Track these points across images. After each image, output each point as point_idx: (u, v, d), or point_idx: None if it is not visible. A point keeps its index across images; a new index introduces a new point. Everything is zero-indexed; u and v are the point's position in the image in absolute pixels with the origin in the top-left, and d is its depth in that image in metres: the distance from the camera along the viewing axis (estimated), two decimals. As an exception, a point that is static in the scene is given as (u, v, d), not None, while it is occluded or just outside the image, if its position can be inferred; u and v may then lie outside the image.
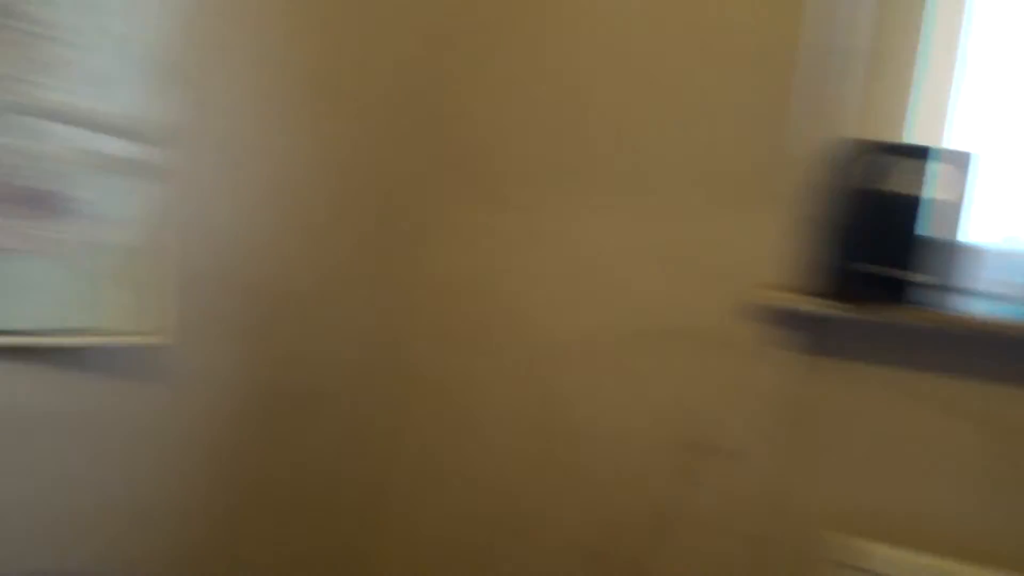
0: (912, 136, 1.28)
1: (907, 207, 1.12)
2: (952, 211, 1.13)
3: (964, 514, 1.16)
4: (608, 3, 1.39)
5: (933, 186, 1.13)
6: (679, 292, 1.35)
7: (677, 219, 1.35)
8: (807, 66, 1.26)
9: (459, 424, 1.55)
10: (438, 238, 1.58)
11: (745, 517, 1.28)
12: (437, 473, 1.57)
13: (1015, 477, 1.14)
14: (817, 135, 1.29)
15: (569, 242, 1.45)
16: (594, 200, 1.43)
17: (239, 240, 1.29)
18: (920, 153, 1.13)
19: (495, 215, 1.52)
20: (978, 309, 1.17)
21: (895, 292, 1.13)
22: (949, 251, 1.19)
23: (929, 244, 1.13)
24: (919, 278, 1.13)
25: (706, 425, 1.32)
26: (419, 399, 1.59)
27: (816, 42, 1.27)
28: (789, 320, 1.27)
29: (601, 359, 1.41)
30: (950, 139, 1.27)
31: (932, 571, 1.12)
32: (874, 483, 1.22)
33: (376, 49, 1.46)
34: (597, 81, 1.41)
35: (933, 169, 1.13)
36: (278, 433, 1.40)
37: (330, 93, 1.39)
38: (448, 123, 1.56)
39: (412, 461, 1.60)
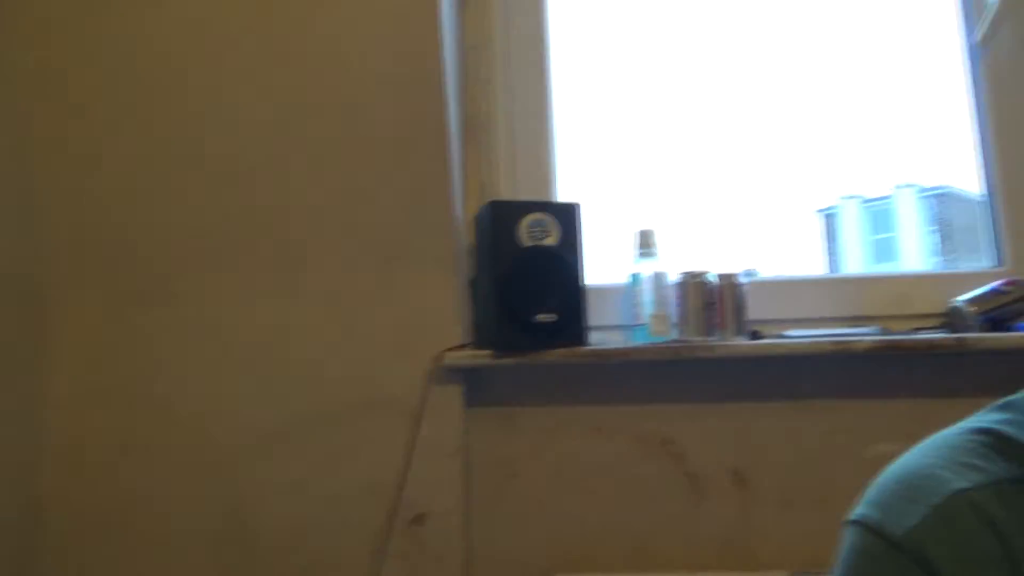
0: (551, 194, 1.43)
1: (562, 258, 1.24)
2: (585, 257, 1.27)
3: (645, 526, 1.29)
4: (258, 87, 1.33)
5: (581, 237, 1.26)
6: (360, 366, 1.32)
7: (349, 294, 1.33)
8: (457, 139, 1.34)
9: (113, 558, 1.32)
10: (67, 346, 1.36)
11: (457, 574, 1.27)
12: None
13: (679, 485, 1.28)
14: (476, 201, 1.38)
15: (233, 330, 1.34)
16: (257, 283, 1.34)
17: None
18: (568, 209, 1.27)
19: (140, 312, 1.35)
20: (629, 341, 1.32)
21: (565, 336, 1.24)
22: (595, 293, 1.33)
23: (584, 289, 1.26)
24: (581, 320, 1.25)
25: (405, 494, 1.29)
26: (55, 538, 1.33)
27: (463, 116, 1.36)
28: (475, 377, 1.32)
29: (284, 448, 1.32)
30: (584, 193, 1.44)
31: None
32: (577, 516, 1.30)
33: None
34: (247, 164, 1.33)
35: (580, 222, 1.27)
36: None
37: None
38: (65, 216, 1.36)
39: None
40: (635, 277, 1.32)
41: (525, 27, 1.47)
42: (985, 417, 0.61)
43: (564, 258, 1.24)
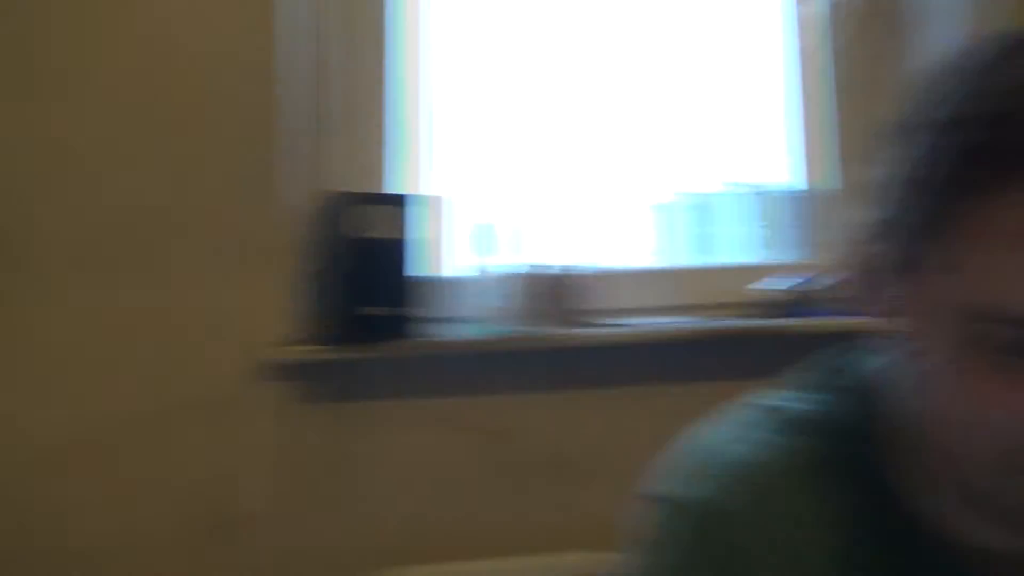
0: (391, 185, 1.40)
1: (393, 250, 1.21)
2: (432, 249, 1.26)
3: (471, 516, 1.28)
4: (86, 75, 1.24)
5: (414, 229, 1.24)
6: (180, 365, 1.24)
7: (169, 290, 1.25)
8: (287, 127, 1.28)
9: None
10: None
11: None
12: None
13: (508, 473, 1.29)
14: (305, 191, 1.32)
15: (38, 331, 1.23)
16: (70, 281, 1.23)
17: None
18: (399, 200, 1.24)
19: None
20: (461, 333, 1.30)
21: (394, 329, 1.21)
22: (433, 285, 1.32)
23: (416, 281, 1.23)
24: (412, 313, 1.22)
25: (229, 496, 1.22)
26: None
27: (293, 104, 1.30)
28: (301, 372, 1.26)
29: (88, 458, 1.22)
30: (425, 186, 1.43)
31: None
32: (405, 509, 1.27)
33: None
34: (61, 155, 1.23)
35: (412, 214, 1.24)
36: None
37: None
38: None
39: None
40: (476, 269, 1.32)
41: (369, 16, 1.43)
42: (769, 393, 0.64)
43: (392, 250, 1.21)
